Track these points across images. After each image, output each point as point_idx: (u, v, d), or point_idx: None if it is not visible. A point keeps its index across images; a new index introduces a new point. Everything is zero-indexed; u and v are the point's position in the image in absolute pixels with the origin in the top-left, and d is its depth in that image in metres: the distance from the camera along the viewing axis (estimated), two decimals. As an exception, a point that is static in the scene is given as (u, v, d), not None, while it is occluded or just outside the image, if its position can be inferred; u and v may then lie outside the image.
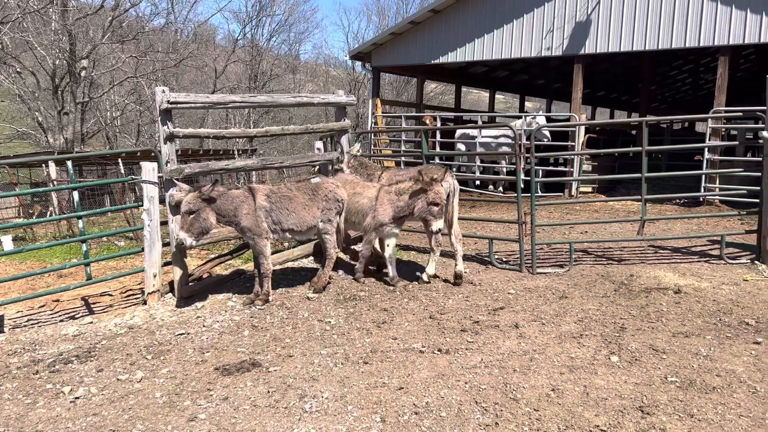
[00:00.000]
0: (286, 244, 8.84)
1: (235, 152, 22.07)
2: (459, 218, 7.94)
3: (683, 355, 4.89)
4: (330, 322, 5.99)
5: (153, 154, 7.86)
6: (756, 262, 7.77)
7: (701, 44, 13.14)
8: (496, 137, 15.57)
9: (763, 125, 7.67)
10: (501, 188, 15.81)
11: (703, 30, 12.94)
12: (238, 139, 31.62)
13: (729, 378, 4.47)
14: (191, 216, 6.09)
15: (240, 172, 18.94)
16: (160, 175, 6.84)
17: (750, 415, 3.93)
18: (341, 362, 4.98)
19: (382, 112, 18.98)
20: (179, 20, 37.55)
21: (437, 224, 6.93)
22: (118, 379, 4.83)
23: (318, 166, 8.97)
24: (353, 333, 5.67)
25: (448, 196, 7.34)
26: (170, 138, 6.66)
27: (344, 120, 8.77)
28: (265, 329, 5.86)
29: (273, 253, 8.10)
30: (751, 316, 5.84)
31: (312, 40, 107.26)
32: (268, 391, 4.48)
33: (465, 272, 7.65)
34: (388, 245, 7.31)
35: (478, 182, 16.10)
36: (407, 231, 9.83)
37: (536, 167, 15.14)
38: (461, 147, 16.22)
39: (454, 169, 17.08)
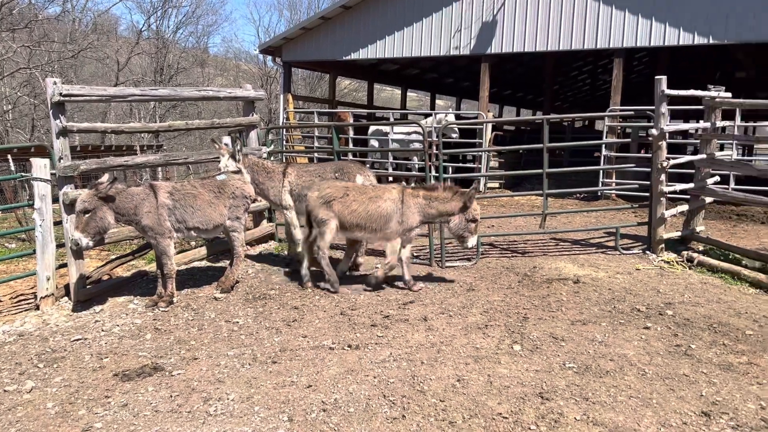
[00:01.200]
0: (193, 243, 8.57)
1: (138, 148, 21.15)
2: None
3: (580, 342, 5.14)
4: (238, 322, 5.85)
5: (48, 151, 7.40)
6: (647, 252, 8.28)
7: (598, 46, 13.86)
8: (408, 134, 15.77)
9: (653, 124, 8.18)
10: (413, 184, 16.01)
11: (600, 33, 13.65)
12: (143, 135, 30.30)
13: (621, 362, 4.73)
14: (87, 215, 5.77)
15: (145, 169, 18.19)
16: (53, 172, 6.44)
17: (639, 396, 4.18)
18: (249, 363, 4.88)
19: (295, 108, 18.77)
20: (77, 9, 35.48)
21: (472, 240, 6.81)
22: (4, 391, 4.51)
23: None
24: (262, 332, 5.57)
25: None
26: (63, 133, 6.28)
27: (253, 115, 8.61)
28: (169, 332, 5.65)
29: (178, 253, 7.84)
30: (642, 303, 6.21)
31: (221, 33, 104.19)
32: (171, 396, 4.32)
33: (376, 267, 7.69)
34: (404, 249, 6.99)
35: (390, 179, 16.24)
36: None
37: (447, 164, 15.54)
38: (374, 143, 16.31)
39: (368, 166, 17.16)
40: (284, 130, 16.74)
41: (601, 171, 13.47)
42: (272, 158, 10.00)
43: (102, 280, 6.95)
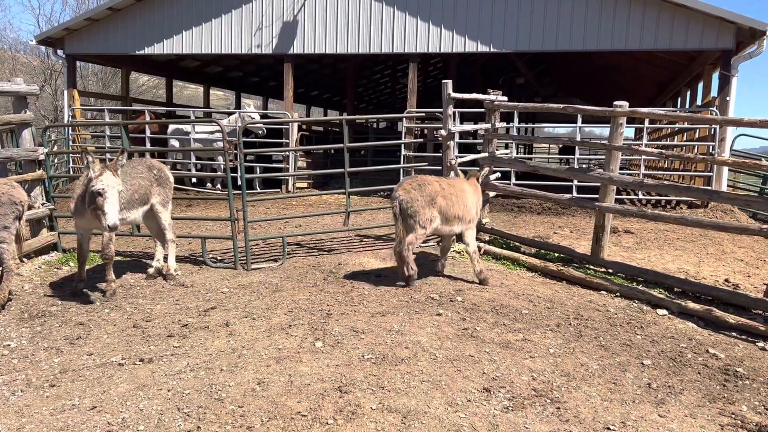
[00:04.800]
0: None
1: None
2: (175, 218, 7.69)
3: (379, 333, 5.33)
4: (9, 345, 5.18)
5: None
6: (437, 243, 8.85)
7: (395, 51, 14.57)
8: (212, 133, 15.23)
9: (441, 125, 8.78)
10: (219, 185, 15.52)
11: (396, 38, 14.36)
12: None
13: (415, 348, 5.00)
14: None
15: None
16: None
17: (430, 380, 4.44)
18: (21, 389, 4.34)
19: (85, 105, 17.16)
20: None
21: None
22: None
23: None
24: (39, 354, 4.99)
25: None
26: None
27: (25, 112, 7.69)
28: None
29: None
30: (435, 292, 6.63)
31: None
32: None
33: (177, 274, 7.30)
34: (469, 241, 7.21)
35: (194, 180, 15.58)
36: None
37: (255, 164, 15.27)
38: (174, 143, 15.49)
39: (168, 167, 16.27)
40: (69, 129, 15.22)
41: (401, 170, 14.17)
42: (55, 159, 9.05)
43: None
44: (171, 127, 15.72)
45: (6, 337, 5.36)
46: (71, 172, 14.49)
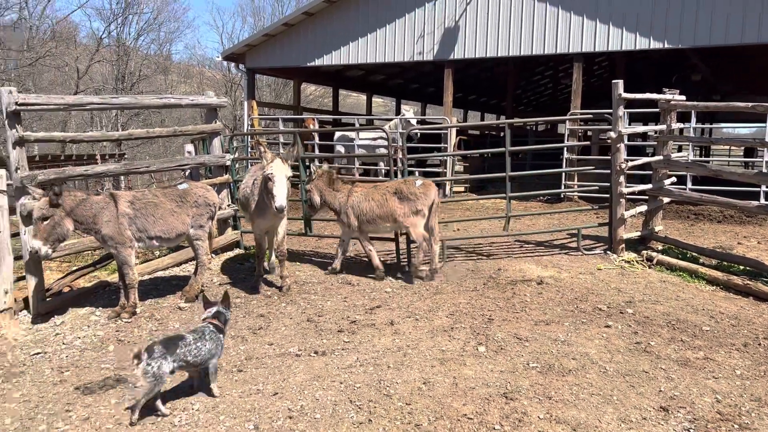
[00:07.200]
0: (156, 253, 8.45)
1: (99, 158, 20.74)
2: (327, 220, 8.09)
3: (544, 342, 5.23)
4: (203, 331, 5.79)
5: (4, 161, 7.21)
6: (608, 252, 8.45)
7: (558, 51, 14.13)
8: (374, 139, 15.81)
9: (611, 126, 8.37)
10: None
11: (559, 38, 13.91)
12: (105, 144, 29.73)
13: (583, 360, 4.83)
14: (45, 222, 5.64)
15: (108, 179, 17.87)
16: (10, 182, 6.29)
17: (600, 393, 4.27)
18: (214, 372, 4.83)
19: (260, 114, 18.65)
20: (34, 16, 34.65)
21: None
22: (-40, 409, 4.38)
23: (189, 170, 8.68)
24: (227, 341, 5.50)
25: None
26: (20, 142, 6.15)
27: (215, 122, 8.54)
28: (133, 343, 5.56)
29: (142, 263, 7.73)
30: (603, 303, 6.35)
31: (184, 40, 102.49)
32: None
33: (343, 275, 7.70)
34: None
35: (357, 184, 16.27)
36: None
37: (413, 168, 15.61)
38: (340, 149, 16.31)
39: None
40: (248, 137, 16.63)
41: (563, 173, 13.70)
42: (236, 164, 9.92)
43: (63, 292, 6.81)
44: (337, 134, 16.59)
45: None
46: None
